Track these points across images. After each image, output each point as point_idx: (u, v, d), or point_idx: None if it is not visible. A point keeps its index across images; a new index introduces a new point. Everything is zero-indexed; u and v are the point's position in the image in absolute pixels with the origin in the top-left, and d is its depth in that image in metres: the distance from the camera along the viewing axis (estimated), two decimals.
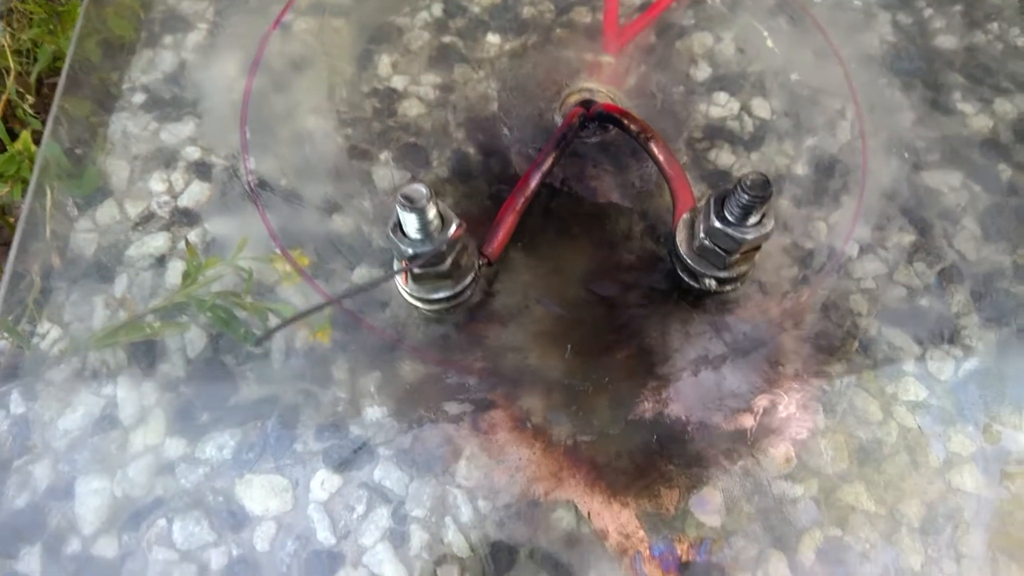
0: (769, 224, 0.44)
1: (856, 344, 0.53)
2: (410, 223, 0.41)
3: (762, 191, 0.42)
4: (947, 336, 0.54)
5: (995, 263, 0.57)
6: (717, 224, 0.44)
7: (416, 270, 0.44)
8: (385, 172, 0.58)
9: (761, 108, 0.63)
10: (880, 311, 0.55)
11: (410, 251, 0.42)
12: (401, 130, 0.60)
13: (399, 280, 0.47)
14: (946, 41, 0.69)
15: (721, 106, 0.63)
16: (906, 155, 0.61)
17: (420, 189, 0.40)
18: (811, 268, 0.56)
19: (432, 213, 0.41)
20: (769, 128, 0.62)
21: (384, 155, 0.59)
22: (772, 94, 0.64)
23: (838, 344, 0.53)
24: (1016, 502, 0.49)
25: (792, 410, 0.50)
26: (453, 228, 0.42)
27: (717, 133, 0.62)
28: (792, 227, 0.58)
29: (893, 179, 0.61)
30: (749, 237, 0.44)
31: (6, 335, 0.49)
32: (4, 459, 0.47)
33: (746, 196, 0.42)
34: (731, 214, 0.44)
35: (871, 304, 0.55)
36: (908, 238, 0.58)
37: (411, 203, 0.40)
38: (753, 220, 0.44)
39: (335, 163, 0.58)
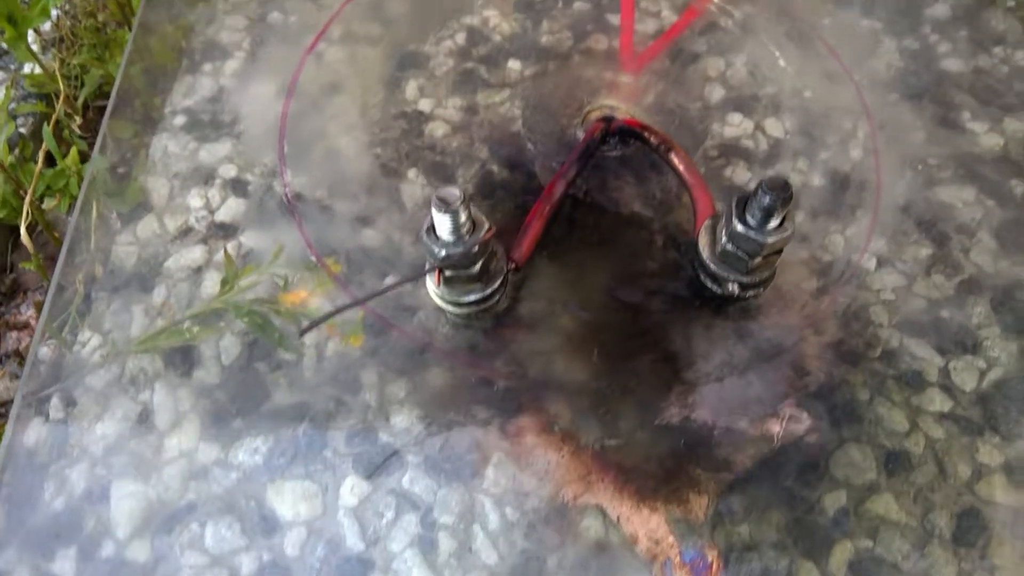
0: (790, 228, 0.45)
1: (878, 354, 0.54)
2: (443, 225, 0.43)
3: (783, 192, 0.43)
4: (970, 347, 0.55)
5: (1013, 275, 0.58)
6: (739, 228, 0.45)
7: (447, 272, 0.45)
8: (413, 189, 0.60)
9: (775, 127, 0.65)
10: (901, 322, 0.55)
11: (443, 253, 0.44)
12: (428, 149, 0.63)
13: (430, 283, 0.48)
14: (953, 64, 0.71)
15: (735, 126, 0.65)
16: (920, 167, 0.62)
17: (454, 192, 0.42)
18: (830, 279, 0.57)
19: (464, 216, 0.43)
20: (783, 146, 0.64)
21: (412, 173, 0.61)
22: (785, 114, 0.66)
23: (860, 354, 0.53)
24: None
25: (818, 418, 0.50)
26: (484, 230, 0.44)
27: (732, 151, 0.63)
28: (810, 240, 0.59)
29: (907, 194, 0.62)
30: (770, 240, 0.45)
31: (49, 342, 0.51)
32: (42, 463, 0.48)
33: (767, 198, 0.43)
34: (753, 217, 0.45)
35: (891, 315, 0.55)
36: (925, 251, 0.59)
37: (446, 205, 0.42)
38: (774, 223, 0.45)
39: (366, 180, 0.60)
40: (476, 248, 0.44)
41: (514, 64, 0.69)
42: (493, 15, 0.73)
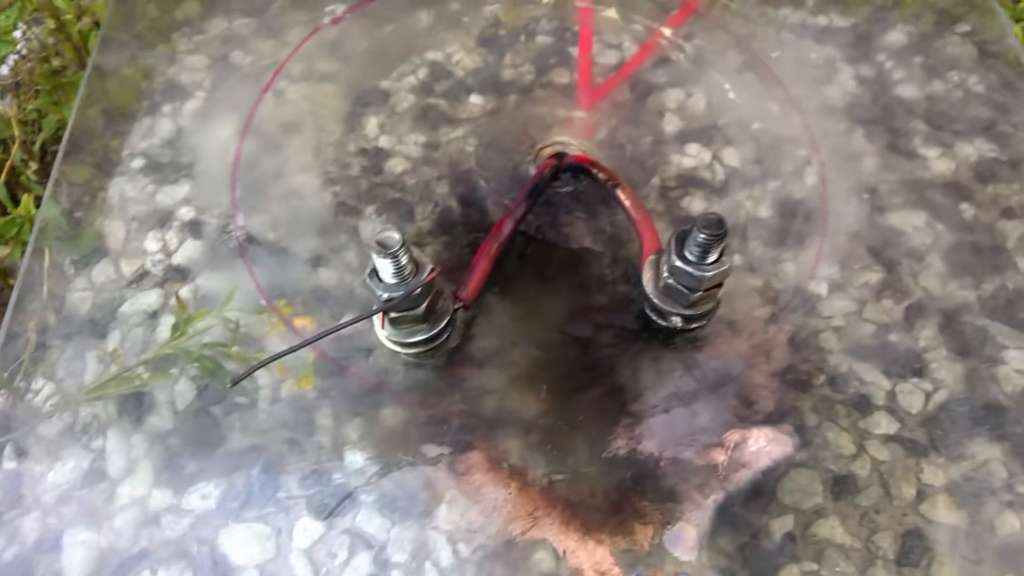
0: (727, 262, 0.46)
1: (827, 380, 0.54)
2: (385, 268, 0.44)
3: (716, 229, 0.44)
4: (916, 370, 0.55)
5: (960, 298, 0.59)
6: (678, 263, 0.46)
7: (393, 314, 0.46)
8: (371, 226, 0.61)
9: (731, 157, 0.67)
10: (849, 347, 0.56)
11: (385, 295, 0.44)
12: (387, 186, 0.64)
13: (377, 326, 0.49)
14: (907, 90, 0.72)
15: (693, 156, 0.67)
16: (865, 196, 0.63)
17: (393, 235, 0.43)
18: (780, 307, 0.58)
19: (405, 259, 0.44)
20: (739, 176, 0.65)
21: (370, 210, 0.62)
22: (740, 144, 0.67)
23: (808, 380, 0.54)
24: (989, 532, 0.49)
25: (763, 444, 0.51)
26: (426, 272, 0.44)
27: (689, 182, 0.65)
28: (761, 268, 0.60)
29: (858, 221, 0.63)
30: (708, 275, 0.46)
31: (1, 392, 0.51)
32: None
33: (702, 235, 0.44)
34: (691, 253, 0.46)
35: (840, 341, 0.56)
36: (875, 276, 0.60)
37: (385, 249, 0.43)
38: (712, 258, 0.46)
39: (323, 219, 0.61)
40: (419, 290, 0.45)
41: (475, 99, 0.70)
42: (455, 50, 0.74)
